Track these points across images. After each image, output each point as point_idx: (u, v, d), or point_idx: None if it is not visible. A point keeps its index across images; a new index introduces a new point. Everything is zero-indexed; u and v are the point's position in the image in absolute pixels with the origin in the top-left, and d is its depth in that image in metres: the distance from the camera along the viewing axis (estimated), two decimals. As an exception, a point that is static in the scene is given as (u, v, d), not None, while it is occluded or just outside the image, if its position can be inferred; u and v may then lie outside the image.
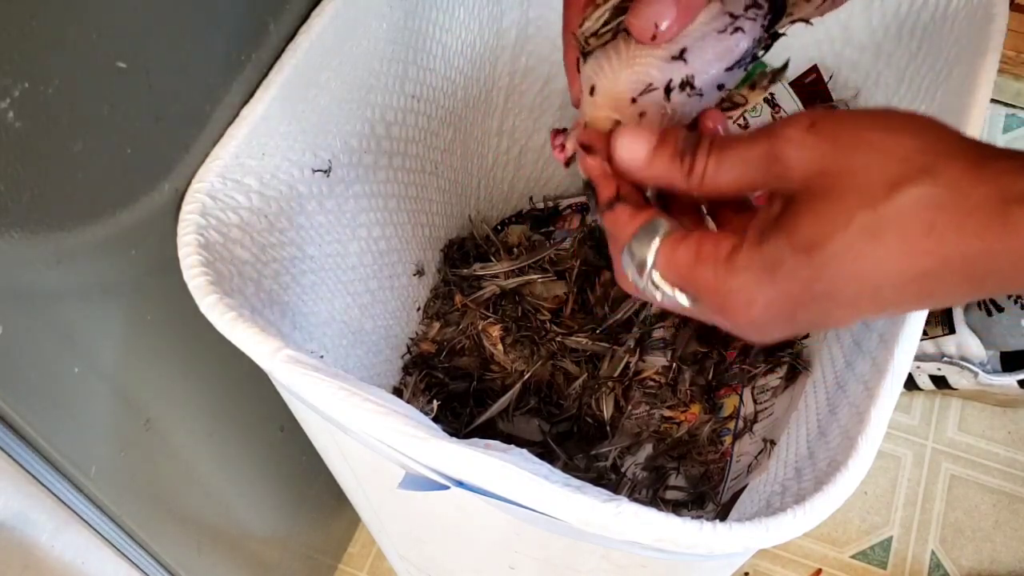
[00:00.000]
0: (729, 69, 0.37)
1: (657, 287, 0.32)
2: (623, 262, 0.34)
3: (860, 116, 0.29)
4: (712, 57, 0.36)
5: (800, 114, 0.29)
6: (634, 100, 0.36)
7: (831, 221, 0.27)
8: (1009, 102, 1.19)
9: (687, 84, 0.36)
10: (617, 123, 0.36)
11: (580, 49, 0.38)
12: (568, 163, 0.39)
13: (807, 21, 0.39)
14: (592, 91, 0.37)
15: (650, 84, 0.36)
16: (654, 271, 0.32)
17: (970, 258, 0.26)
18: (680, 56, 0.36)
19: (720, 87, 0.37)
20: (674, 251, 0.31)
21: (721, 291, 0.30)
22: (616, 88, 0.36)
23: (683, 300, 0.32)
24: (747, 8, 0.36)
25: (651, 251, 0.32)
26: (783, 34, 0.39)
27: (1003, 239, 0.25)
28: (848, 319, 0.29)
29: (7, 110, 0.30)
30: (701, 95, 0.37)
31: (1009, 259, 0.25)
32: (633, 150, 0.33)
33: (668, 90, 0.36)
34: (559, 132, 0.40)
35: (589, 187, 0.36)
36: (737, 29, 0.36)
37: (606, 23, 0.37)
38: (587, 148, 0.35)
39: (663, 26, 0.34)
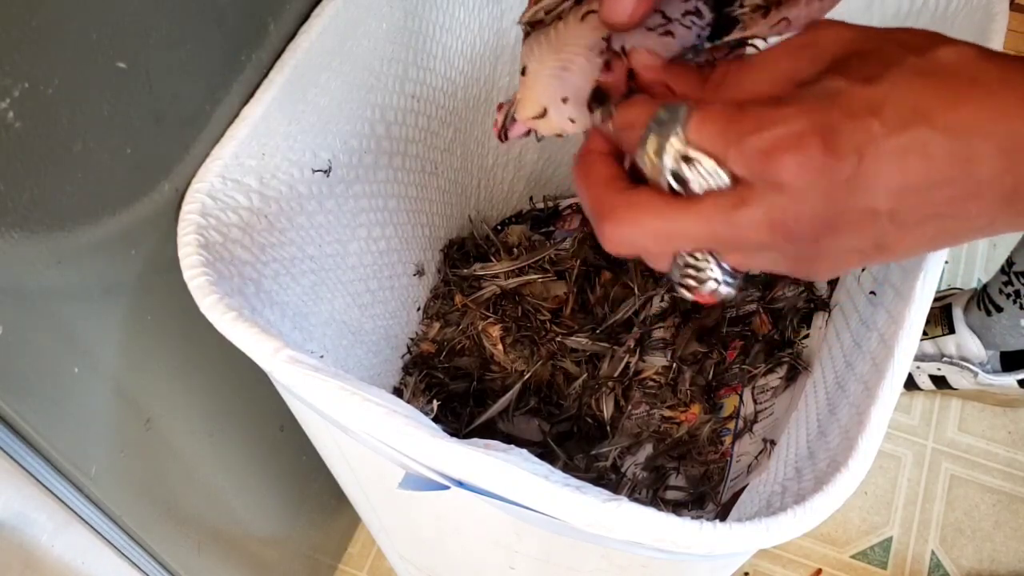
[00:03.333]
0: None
1: (687, 160, 0.28)
2: (641, 158, 0.30)
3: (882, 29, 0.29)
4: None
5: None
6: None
7: (884, 61, 0.26)
8: (1009, 102, 1.19)
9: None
10: (544, 110, 0.37)
11: (524, 32, 0.38)
12: (502, 137, 0.39)
13: (763, 39, 0.37)
14: (523, 71, 0.37)
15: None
16: (687, 146, 0.28)
17: (1013, 132, 0.25)
18: (608, 48, 0.35)
19: None
20: (708, 111, 0.28)
21: (773, 123, 0.27)
22: (541, 71, 0.37)
23: (722, 176, 0.28)
24: (685, 14, 0.36)
25: (679, 121, 0.28)
26: (741, 45, 0.38)
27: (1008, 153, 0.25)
28: (896, 197, 0.26)
29: (7, 110, 0.30)
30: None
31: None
32: (649, 56, 0.33)
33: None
34: (501, 106, 0.40)
35: (599, 95, 0.35)
36: (667, 32, 0.35)
37: (548, 11, 0.37)
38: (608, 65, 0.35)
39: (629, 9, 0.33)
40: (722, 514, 0.62)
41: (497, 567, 0.52)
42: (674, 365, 0.72)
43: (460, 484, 0.38)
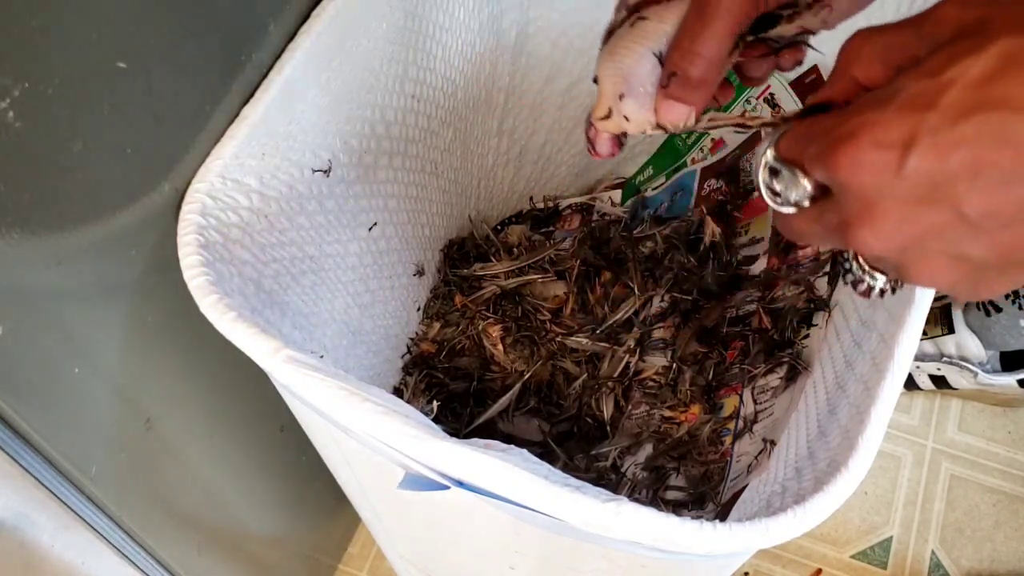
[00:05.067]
0: None
1: (775, 170, 0.29)
2: (754, 170, 0.32)
3: None
4: None
5: None
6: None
7: (965, 48, 0.24)
8: (1009, 102, 1.19)
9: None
10: (610, 110, 0.39)
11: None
12: (592, 152, 0.42)
13: (811, 32, 0.39)
14: (595, 80, 0.40)
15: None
16: (771, 155, 0.29)
17: None
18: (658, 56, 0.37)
19: None
20: (798, 124, 0.29)
21: (830, 129, 0.26)
22: (603, 75, 0.39)
23: (804, 184, 0.29)
24: None
25: (778, 135, 0.30)
26: (796, 43, 0.39)
27: None
28: (981, 193, 0.24)
29: (7, 110, 0.30)
30: None
31: None
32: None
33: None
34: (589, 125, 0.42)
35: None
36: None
37: (610, 31, 0.40)
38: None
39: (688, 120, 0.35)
40: (722, 514, 0.62)
41: (497, 567, 0.52)
42: (674, 365, 0.72)
43: (460, 484, 0.38)
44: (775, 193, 0.30)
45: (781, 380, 0.67)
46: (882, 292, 0.31)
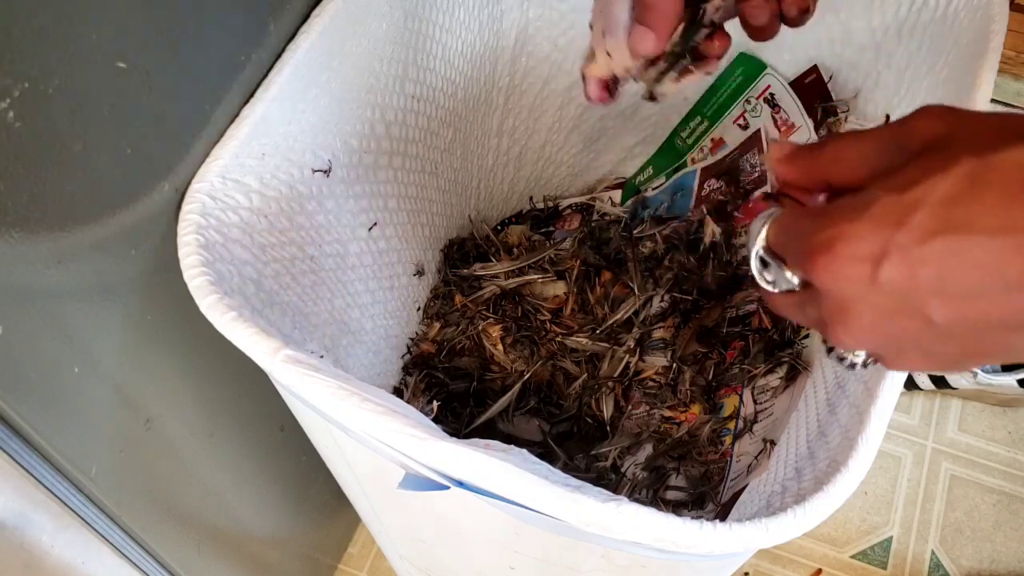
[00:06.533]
0: None
1: (766, 265, 0.32)
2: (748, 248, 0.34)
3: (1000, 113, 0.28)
4: None
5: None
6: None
7: (933, 165, 0.26)
8: (1009, 102, 1.19)
9: None
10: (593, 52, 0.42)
11: None
12: (589, 98, 0.45)
13: None
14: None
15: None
16: (763, 243, 0.32)
17: None
18: None
19: None
20: (784, 216, 0.31)
21: (811, 233, 0.28)
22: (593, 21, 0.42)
23: (789, 277, 0.31)
24: None
25: (768, 221, 0.32)
26: None
27: None
28: (945, 303, 0.26)
29: (7, 110, 0.30)
30: None
31: None
32: (779, 149, 0.33)
33: None
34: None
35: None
36: None
37: None
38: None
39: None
40: (722, 514, 0.62)
41: (497, 567, 0.52)
42: (674, 365, 0.72)
43: (460, 484, 0.38)
44: (767, 280, 0.32)
45: (781, 380, 0.67)
46: (864, 364, 0.32)
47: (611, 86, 0.44)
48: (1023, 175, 0.25)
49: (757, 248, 0.32)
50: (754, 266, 0.32)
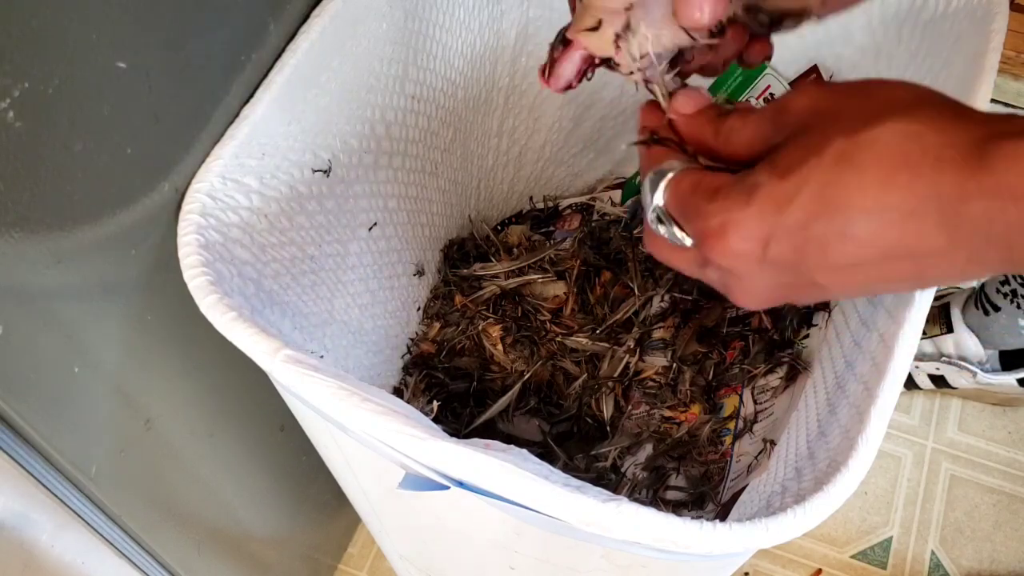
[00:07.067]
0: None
1: (661, 221, 0.34)
2: (642, 198, 0.35)
3: (866, 79, 0.30)
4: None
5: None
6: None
7: (809, 147, 0.28)
8: (1009, 102, 1.19)
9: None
10: (600, 22, 0.36)
11: None
12: (545, 77, 0.40)
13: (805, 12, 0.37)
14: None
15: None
16: (661, 203, 0.33)
17: (945, 198, 0.26)
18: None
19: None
20: (679, 182, 0.33)
21: (705, 216, 0.30)
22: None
23: (682, 237, 0.33)
24: None
25: (664, 181, 0.33)
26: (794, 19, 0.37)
27: (976, 176, 0.25)
28: (831, 273, 0.29)
29: (7, 110, 0.30)
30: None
31: (983, 203, 0.25)
32: (686, 103, 0.35)
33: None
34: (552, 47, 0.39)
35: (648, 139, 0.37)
36: None
37: None
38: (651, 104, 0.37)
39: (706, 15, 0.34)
40: (722, 514, 0.62)
41: (497, 567, 0.52)
42: (674, 365, 0.72)
43: (460, 484, 0.38)
44: (661, 234, 0.34)
45: (781, 380, 0.67)
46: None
47: (588, 72, 0.38)
48: (889, 152, 0.26)
49: (653, 207, 0.34)
50: (650, 220, 0.34)
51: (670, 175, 0.33)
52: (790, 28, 0.37)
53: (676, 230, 0.33)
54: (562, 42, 0.39)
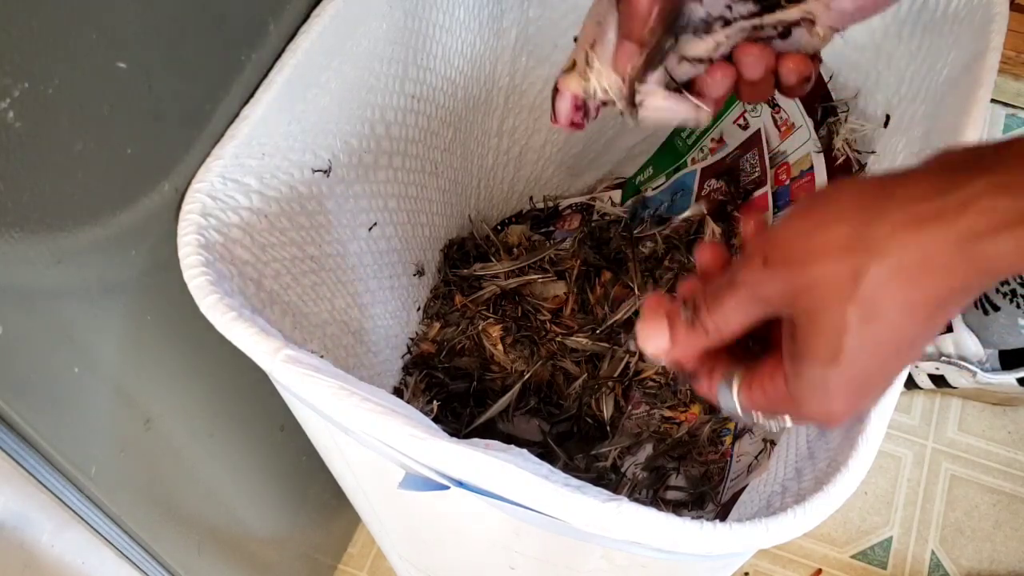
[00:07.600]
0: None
1: (756, 419, 0.37)
2: (721, 400, 0.38)
3: (792, 226, 0.31)
4: None
5: (749, 254, 0.32)
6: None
7: (834, 330, 0.30)
8: (1009, 102, 1.19)
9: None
10: (574, 62, 0.40)
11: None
12: (554, 118, 0.41)
13: (813, 19, 0.37)
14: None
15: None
16: (739, 410, 0.36)
17: (957, 289, 0.28)
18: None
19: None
20: (750, 398, 0.35)
21: (804, 417, 0.34)
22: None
23: (779, 420, 0.36)
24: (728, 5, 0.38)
25: (735, 402, 0.36)
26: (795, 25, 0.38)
27: (974, 274, 0.27)
28: (903, 363, 0.32)
29: (7, 110, 0.30)
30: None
31: (987, 278, 0.28)
32: (656, 344, 0.37)
33: None
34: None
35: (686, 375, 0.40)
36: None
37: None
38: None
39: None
40: (722, 514, 0.62)
41: (497, 567, 0.52)
42: (674, 365, 0.72)
43: (460, 484, 0.38)
44: (756, 416, 0.37)
45: (781, 380, 0.67)
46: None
47: (587, 107, 0.41)
48: (895, 281, 0.28)
49: (737, 411, 0.36)
50: (743, 418, 0.37)
51: (734, 392, 0.36)
52: (808, 44, 0.38)
53: (770, 421, 0.37)
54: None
